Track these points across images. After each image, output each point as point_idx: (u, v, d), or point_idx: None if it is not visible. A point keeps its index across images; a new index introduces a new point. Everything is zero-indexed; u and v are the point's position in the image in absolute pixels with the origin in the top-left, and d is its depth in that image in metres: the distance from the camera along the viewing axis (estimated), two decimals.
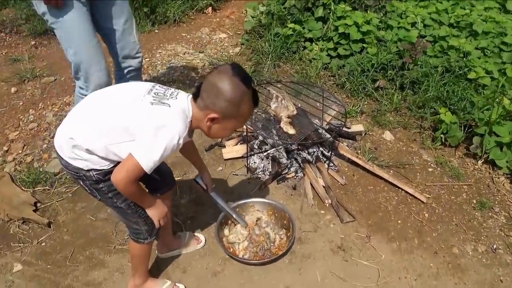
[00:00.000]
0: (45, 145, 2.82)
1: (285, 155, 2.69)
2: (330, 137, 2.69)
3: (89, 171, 1.50)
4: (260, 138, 2.78)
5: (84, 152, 1.46)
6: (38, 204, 2.40)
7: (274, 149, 2.70)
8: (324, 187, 2.54)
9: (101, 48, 2.18)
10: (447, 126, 2.87)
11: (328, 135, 2.71)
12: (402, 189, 2.56)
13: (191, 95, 1.53)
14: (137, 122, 1.42)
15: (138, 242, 1.72)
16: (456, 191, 2.61)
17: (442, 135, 2.91)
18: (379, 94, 3.36)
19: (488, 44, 3.51)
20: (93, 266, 2.11)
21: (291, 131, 2.50)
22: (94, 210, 2.38)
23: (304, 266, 2.13)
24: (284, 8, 3.99)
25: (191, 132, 1.57)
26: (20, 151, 2.77)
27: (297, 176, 2.65)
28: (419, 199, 2.51)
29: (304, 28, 3.93)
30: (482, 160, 2.80)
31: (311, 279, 2.07)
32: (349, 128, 3.01)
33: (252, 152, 2.74)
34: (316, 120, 2.85)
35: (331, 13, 3.84)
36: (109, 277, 2.06)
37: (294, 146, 2.70)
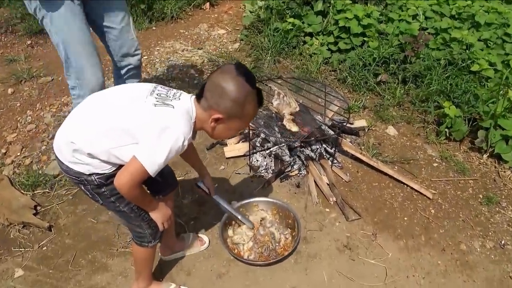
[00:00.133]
0: (43, 147, 2.78)
1: (288, 153, 2.65)
2: (334, 134, 2.65)
3: (90, 175, 1.46)
4: (262, 136, 2.74)
5: (85, 156, 1.42)
6: (38, 207, 2.36)
7: (276, 146, 2.66)
8: (328, 185, 2.50)
9: (95, 45, 2.13)
10: (451, 120, 2.83)
11: (331, 132, 2.67)
12: (407, 185, 2.53)
13: (194, 96, 1.49)
14: (140, 124, 1.38)
15: (142, 246, 1.68)
16: (462, 186, 2.58)
17: (446, 129, 2.87)
18: (381, 89, 3.32)
19: (491, 36, 3.47)
20: (95, 270, 2.07)
21: (294, 128, 2.46)
22: (95, 213, 2.34)
23: (310, 266, 2.10)
24: (283, 2, 3.93)
25: (194, 133, 1.53)
26: (18, 154, 2.73)
27: (301, 174, 2.62)
28: (425, 195, 2.47)
29: (303, 22, 3.88)
30: (488, 154, 2.76)
31: (317, 279, 2.04)
32: (352, 123, 2.97)
33: (254, 150, 2.70)
34: (319, 116, 2.81)
35: (330, 7, 3.79)
36: (112, 281, 2.02)
37: (297, 143, 2.66)
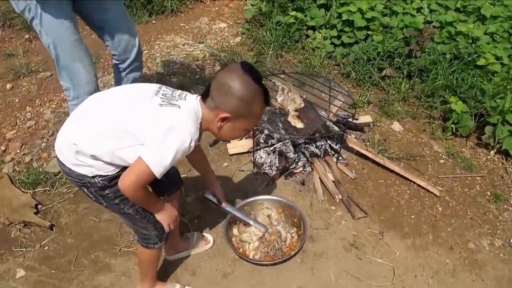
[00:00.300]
0: (44, 144, 2.73)
1: (292, 149, 2.61)
2: (340, 130, 2.60)
3: (93, 177, 1.41)
4: (266, 132, 2.69)
5: (88, 158, 1.38)
6: (39, 206, 2.32)
7: (281, 143, 2.61)
8: (333, 182, 2.46)
9: (85, 45, 2.07)
10: (458, 116, 2.79)
11: (336, 128, 2.62)
12: (414, 182, 2.49)
13: (199, 96, 1.45)
14: (146, 124, 1.34)
15: (148, 248, 1.64)
16: (470, 183, 2.54)
17: (452, 125, 2.83)
18: (386, 83, 3.27)
19: (497, 29, 3.41)
20: (98, 270, 2.04)
21: (299, 125, 2.41)
22: (97, 211, 2.30)
23: (316, 266, 2.07)
24: None
25: (200, 134, 1.49)
26: (18, 151, 2.68)
27: (305, 171, 2.58)
28: (432, 193, 2.44)
29: (306, 15, 3.81)
30: (495, 150, 2.73)
31: (324, 279, 2.01)
32: (357, 119, 2.92)
33: (258, 147, 2.65)
34: (323, 112, 2.77)
35: (333, 0, 3.72)
36: (116, 282, 1.99)
37: (302, 140, 2.62)
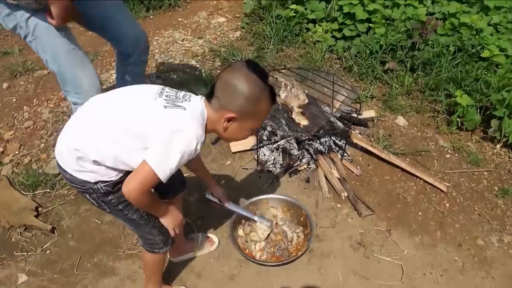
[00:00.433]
0: (42, 145, 2.68)
1: (296, 146, 2.56)
2: (345, 126, 2.56)
3: (96, 183, 1.37)
4: (269, 129, 2.65)
5: (90, 164, 1.33)
6: (40, 208, 2.28)
7: (284, 140, 2.57)
8: (339, 179, 2.42)
9: (82, 51, 1.99)
10: (463, 109, 2.75)
11: (340, 124, 2.58)
12: (420, 178, 2.46)
13: (204, 97, 1.40)
14: (150, 127, 1.29)
15: (153, 252, 1.60)
16: (477, 178, 2.51)
17: (458, 119, 2.79)
18: (389, 77, 3.22)
19: (501, 20, 3.35)
20: (102, 274, 2.00)
21: (304, 122, 2.36)
22: (99, 213, 2.25)
23: (324, 266, 2.03)
24: None
25: (205, 136, 1.44)
26: (16, 152, 2.63)
27: (310, 168, 2.54)
28: (438, 188, 2.40)
29: (306, 8, 3.74)
30: (501, 144, 2.69)
31: (332, 279, 1.98)
32: (361, 114, 2.87)
33: (261, 144, 2.61)
34: (326, 108, 2.72)
35: None
36: (120, 286, 1.95)
37: (306, 136, 2.57)
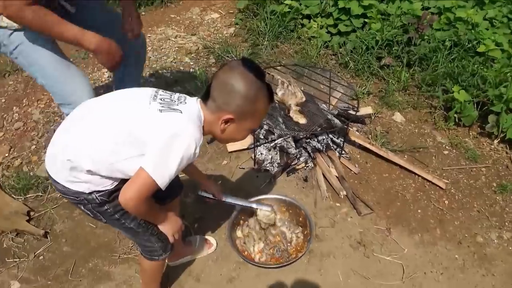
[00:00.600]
0: (33, 146, 2.61)
1: (294, 145, 2.52)
2: (344, 124, 2.52)
3: (91, 193, 1.31)
4: (266, 127, 2.60)
5: (84, 174, 1.27)
6: (32, 213, 2.22)
7: (281, 138, 2.53)
8: (337, 178, 2.39)
9: (70, 61, 1.89)
10: (461, 105, 2.73)
11: (338, 122, 2.54)
12: (419, 175, 2.43)
13: (199, 99, 1.35)
14: (147, 132, 1.23)
15: (152, 260, 1.55)
16: (475, 174, 2.49)
17: (455, 115, 2.77)
18: (385, 73, 3.19)
19: (496, 14, 3.33)
20: (97, 279, 1.95)
21: (302, 120, 2.32)
22: None
23: (324, 266, 2.01)
24: None
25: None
26: (6, 154, 2.56)
27: (307, 167, 2.50)
28: (437, 185, 2.38)
29: (301, 4, 3.69)
30: (499, 140, 2.68)
31: (333, 280, 1.95)
32: (358, 111, 2.84)
33: (258, 143, 2.57)
34: (323, 105, 2.69)
35: None
36: None
37: (304, 135, 2.53)
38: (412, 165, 2.47)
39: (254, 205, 2.01)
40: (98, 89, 2.99)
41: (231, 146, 2.59)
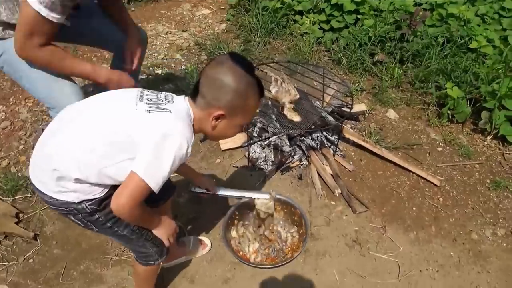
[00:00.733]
0: (21, 146, 2.54)
1: (288, 143, 2.50)
2: (338, 122, 2.50)
3: (80, 203, 1.26)
4: (259, 125, 2.57)
5: (72, 183, 1.22)
6: (20, 214, 2.16)
7: (276, 136, 2.50)
8: (332, 176, 2.37)
9: None
10: (454, 102, 2.73)
11: (332, 119, 2.52)
12: (413, 172, 2.43)
13: (187, 96, 1.31)
14: (136, 135, 1.18)
15: (148, 265, 1.51)
16: (469, 171, 2.49)
17: (448, 111, 2.77)
18: (378, 69, 3.18)
19: (487, 10, 3.34)
20: (89, 282, 1.91)
21: (296, 118, 2.29)
22: None
23: (320, 265, 1.99)
24: None
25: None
26: None
27: (302, 165, 2.48)
28: (432, 182, 2.38)
29: (293, 0, 3.67)
30: (491, 136, 2.69)
31: (329, 279, 1.94)
32: (352, 108, 2.82)
33: (252, 141, 2.54)
34: (317, 102, 2.66)
35: None
36: None
37: (298, 132, 2.51)
38: (406, 162, 2.47)
39: (252, 195, 1.93)
40: (87, 86, 2.92)
41: (225, 144, 2.56)
